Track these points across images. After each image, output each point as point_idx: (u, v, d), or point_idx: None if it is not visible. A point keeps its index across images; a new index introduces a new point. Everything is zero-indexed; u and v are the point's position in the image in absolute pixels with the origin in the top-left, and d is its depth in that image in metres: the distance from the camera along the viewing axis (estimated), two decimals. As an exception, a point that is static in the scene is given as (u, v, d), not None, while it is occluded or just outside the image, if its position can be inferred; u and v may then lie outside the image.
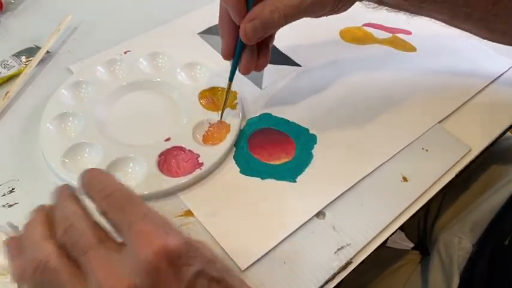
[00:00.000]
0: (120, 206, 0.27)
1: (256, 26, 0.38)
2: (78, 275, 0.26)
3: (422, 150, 0.46)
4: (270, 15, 0.38)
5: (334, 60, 0.56)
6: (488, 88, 0.53)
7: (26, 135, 0.46)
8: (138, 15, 0.61)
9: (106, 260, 0.26)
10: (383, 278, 0.63)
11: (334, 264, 0.38)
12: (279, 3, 0.38)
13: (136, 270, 0.25)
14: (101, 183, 0.29)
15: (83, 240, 0.26)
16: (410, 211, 0.42)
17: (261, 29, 0.38)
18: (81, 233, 0.27)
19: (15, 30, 0.58)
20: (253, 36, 0.39)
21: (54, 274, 0.25)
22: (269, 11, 0.38)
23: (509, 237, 0.47)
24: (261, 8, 0.38)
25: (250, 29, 0.38)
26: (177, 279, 0.26)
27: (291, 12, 0.38)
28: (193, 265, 0.26)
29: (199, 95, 0.49)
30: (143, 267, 0.25)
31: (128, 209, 0.27)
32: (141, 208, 0.28)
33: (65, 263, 0.26)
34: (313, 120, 0.48)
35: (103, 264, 0.25)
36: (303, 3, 0.38)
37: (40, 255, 0.26)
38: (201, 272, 0.27)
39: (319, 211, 0.41)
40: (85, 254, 0.26)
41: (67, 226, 0.27)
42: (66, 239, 0.27)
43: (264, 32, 0.39)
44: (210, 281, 0.28)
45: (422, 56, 0.57)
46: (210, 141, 0.45)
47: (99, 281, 0.24)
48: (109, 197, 0.28)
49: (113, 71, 0.52)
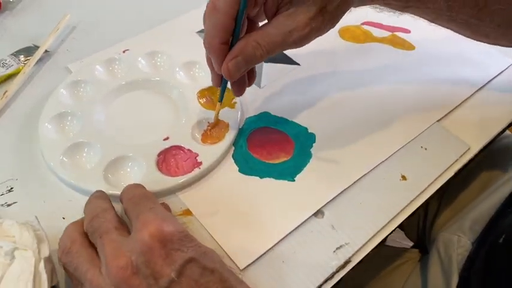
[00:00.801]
0: (136, 203, 0.34)
1: (239, 63, 0.38)
2: (95, 257, 0.32)
3: (421, 148, 0.46)
4: (253, 52, 0.37)
5: (333, 59, 0.56)
6: (487, 86, 0.53)
7: (25, 134, 0.46)
8: (136, 15, 0.61)
9: (115, 241, 0.31)
10: (382, 276, 0.63)
11: (333, 263, 0.38)
12: (261, 40, 0.37)
13: (134, 249, 0.30)
14: (130, 192, 0.36)
15: (102, 227, 0.32)
16: (409, 210, 0.42)
17: (244, 65, 0.38)
18: (102, 221, 0.33)
19: (13, 29, 0.58)
20: (235, 73, 0.38)
21: (74, 256, 0.32)
22: (252, 47, 0.37)
23: (504, 235, 0.47)
24: (243, 44, 0.37)
25: (232, 66, 0.38)
26: (168, 261, 0.30)
27: (274, 48, 0.37)
28: (186, 252, 0.30)
29: (198, 94, 0.49)
30: (139, 246, 0.30)
31: (140, 204, 0.34)
32: (149, 203, 0.34)
33: (84, 248, 0.32)
34: (312, 119, 0.48)
35: (112, 244, 0.31)
36: (286, 41, 0.37)
37: (67, 243, 0.33)
38: (192, 259, 0.30)
39: (318, 210, 0.41)
40: (101, 237, 0.32)
41: (92, 217, 0.34)
42: (90, 227, 0.33)
43: (247, 68, 0.38)
44: (203, 269, 0.31)
45: (421, 55, 0.57)
46: (209, 141, 0.45)
47: (106, 257, 0.30)
48: (131, 199, 0.35)
49: (112, 70, 0.52)
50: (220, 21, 0.36)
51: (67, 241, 0.33)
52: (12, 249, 0.33)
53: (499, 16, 0.43)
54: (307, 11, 0.36)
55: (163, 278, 0.29)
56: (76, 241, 0.33)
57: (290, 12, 0.36)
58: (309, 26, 0.36)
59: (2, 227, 0.35)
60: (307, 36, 0.37)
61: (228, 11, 0.36)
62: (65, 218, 0.39)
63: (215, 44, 0.38)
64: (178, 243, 0.30)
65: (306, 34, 0.37)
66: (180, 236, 0.31)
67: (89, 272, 0.31)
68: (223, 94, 0.44)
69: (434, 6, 0.42)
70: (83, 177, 0.41)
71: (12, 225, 0.35)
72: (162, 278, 0.29)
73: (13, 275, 0.32)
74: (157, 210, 0.33)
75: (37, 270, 0.32)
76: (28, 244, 0.34)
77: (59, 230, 0.35)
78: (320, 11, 0.36)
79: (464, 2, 0.42)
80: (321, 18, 0.36)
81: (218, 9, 0.36)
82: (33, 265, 0.32)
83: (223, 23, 0.36)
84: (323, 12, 0.36)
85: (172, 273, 0.29)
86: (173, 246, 0.30)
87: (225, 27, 0.37)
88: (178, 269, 0.30)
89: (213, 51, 0.38)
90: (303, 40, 0.37)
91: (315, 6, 0.36)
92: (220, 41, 0.37)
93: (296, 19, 0.36)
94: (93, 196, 0.37)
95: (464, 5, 0.42)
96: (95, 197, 0.37)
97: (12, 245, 0.33)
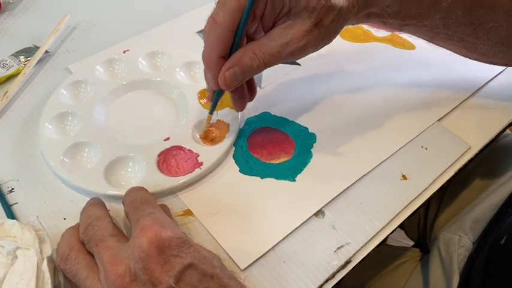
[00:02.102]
0: (137, 207, 0.34)
1: (236, 73, 0.38)
2: (93, 264, 0.32)
3: (421, 148, 0.46)
4: (250, 63, 0.37)
5: (333, 59, 0.56)
6: (488, 86, 0.53)
7: (25, 135, 0.46)
8: (136, 15, 0.61)
9: (112, 248, 0.31)
10: (383, 276, 0.63)
11: (333, 263, 0.38)
12: (258, 51, 0.37)
13: (132, 255, 0.30)
14: (131, 196, 0.36)
15: (97, 235, 0.32)
16: (410, 209, 0.42)
17: (241, 76, 0.38)
18: (96, 229, 0.33)
19: (13, 30, 0.58)
20: (231, 82, 0.38)
21: (73, 263, 0.32)
22: (249, 58, 0.37)
23: (505, 236, 0.47)
24: (240, 54, 0.38)
25: (229, 75, 0.38)
26: (166, 268, 0.30)
27: (271, 60, 0.37)
28: (184, 258, 0.30)
29: (198, 94, 0.49)
30: (137, 252, 0.30)
31: (140, 208, 0.34)
32: (149, 208, 0.34)
33: (83, 254, 0.32)
34: (313, 119, 0.48)
35: (109, 252, 0.31)
36: (282, 53, 0.37)
37: (66, 249, 0.33)
38: (191, 265, 0.30)
39: (319, 210, 0.41)
40: (97, 245, 0.32)
41: (87, 225, 0.33)
42: (85, 236, 0.33)
43: (243, 79, 0.39)
44: (202, 275, 0.30)
45: (421, 54, 0.57)
46: (210, 141, 0.45)
47: (104, 264, 0.30)
48: (132, 203, 0.35)
49: (112, 71, 0.52)
50: (219, 34, 0.37)
51: (65, 248, 0.33)
52: (14, 248, 0.33)
53: (494, 33, 0.44)
54: (303, 24, 0.36)
55: (162, 284, 0.29)
56: (74, 248, 0.33)
57: (286, 25, 0.37)
58: (305, 39, 0.36)
59: (3, 227, 0.35)
60: (303, 48, 0.37)
61: (228, 25, 0.36)
62: (66, 219, 0.39)
63: (213, 57, 0.38)
64: (176, 249, 0.30)
65: (302, 46, 0.37)
66: (178, 241, 0.31)
67: (88, 279, 0.31)
68: (214, 106, 0.44)
69: (431, 24, 0.43)
70: (84, 177, 0.41)
71: (14, 225, 0.35)
72: (161, 285, 0.29)
73: (16, 274, 0.32)
74: (156, 216, 0.33)
75: (40, 269, 0.32)
76: (30, 244, 0.34)
77: (60, 230, 0.35)
78: (316, 25, 0.36)
79: (460, 19, 0.42)
80: (316, 31, 0.37)
81: (218, 23, 0.36)
82: (35, 263, 0.32)
83: (222, 36, 0.37)
84: (319, 26, 0.36)
85: (171, 280, 0.29)
86: (171, 252, 0.30)
87: (224, 41, 0.37)
88: (177, 275, 0.29)
89: (210, 64, 0.39)
90: (299, 52, 0.37)
91: (310, 19, 0.36)
92: (218, 55, 0.38)
93: (292, 31, 0.36)
94: (87, 204, 0.37)
95: (460, 23, 0.43)
96: (90, 205, 0.37)
97: (14, 244, 0.33)
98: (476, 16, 0.42)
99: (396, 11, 0.40)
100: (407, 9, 0.41)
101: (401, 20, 0.42)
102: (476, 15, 0.42)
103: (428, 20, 0.42)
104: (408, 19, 0.42)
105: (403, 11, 0.41)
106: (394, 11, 0.40)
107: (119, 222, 0.39)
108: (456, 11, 0.42)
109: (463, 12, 0.42)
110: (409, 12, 0.41)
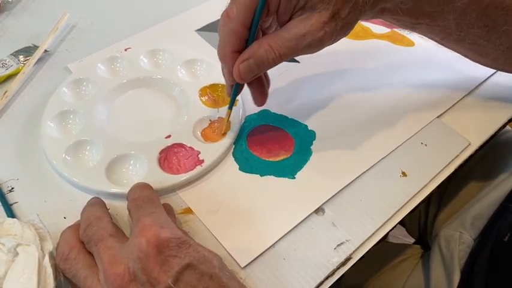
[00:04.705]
0: (139, 205, 0.34)
1: (251, 65, 0.37)
2: (93, 263, 0.32)
3: (421, 145, 0.46)
4: (265, 55, 0.37)
5: (332, 56, 0.55)
6: (488, 82, 0.53)
7: (25, 134, 0.46)
8: (135, 14, 0.61)
9: (111, 248, 0.31)
10: (384, 273, 0.63)
11: (333, 260, 0.38)
12: (274, 43, 0.37)
13: (131, 255, 0.30)
14: (135, 193, 0.36)
15: (96, 235, 0.33)
16: (410, 206, 0.42)
17: (255, 68, 0.38)
18: (96, 229, 0.33)
19: (13, 29, 0.58)
20: (246, 75, 0.38)
21: (73, 263, 0.32)
22: (264, 50, 0.37)
23: (509, 234, 0.47)
24: (256, 46, 0.37)
25: (243, 68, 0.38)
26: (164, 268, 0.30)
27: (287, 52, 0.37)
28: (182, 258, 0.30)
29: (199, 91, 0.49)
30: (136, 252, 0.30)
31: (142, 207, 0.34)
32: (151, 207, 0.34)
33: (82, 254, 0.32)
34: (312, 116, 0.48)
35: (108, 252, 0.31)
36: (299, 45, 0.37)
37: (65, 249, 0.33)
38: (190, 265, 0.30)
39: (319, 207, 0.41)
40: (96, 245, 0.32)
41: (86, 225, 0.34)
42: (84, 236, 0.33)
43: (259, 71, 0.38)
44: (200, 275, 0.30)
45: (420, 51, 0.57)
46: (211, 138, 0.45)
47: (103, 264, 0.30)
48: (135, 200, 0.35)
49: (114, 69, 0.52)
50: (233, 29, 0.37)
51: (65, 247, 0.33)
52: (15, 245, 0.33)
53: (507, 37, 0.43)
54: (321, 15, 0.36)
55: (160, 284, 0.29)
56: (74, 247, 0.33)
57: (303, 17, 0.36)
58: (322, 30, 0.36)
59: (3, 226, 0.35)
60: (321, 40, 0.37)
61: (242, 19, 0.36)
62: (66, 218, 0.40)
63: (228, 52, 0.38)
64: (175, 250, 0.30)
65: (320, 38, 0.36)
66: (177, 242, 0.31)
67: (88, 279, 0.31)
68: (233, 102, 0.44)
69: (444, 24, 0.42)
70: (85, 175, 0.41)
71: (14, 224, 0.35)
72: (159, 285, 0.29)
73: (17, 270, 0.32)
74: (157, 215, 0.33)
75: (41, 264, 0.33)
76: (31, 241, 0.34)
77: (59, 229, 0.36)
78: (333, 16, 0.36)
79: (473, 21, 0.42)
80: (334, 23, 0.36)
81: (232, 18, 0.36)
82: (37, 259, 0.32)
83: (236, 31, 0.37)
84: (336, 18, 0.36)
85: (169, 280, 0.29)
86: (170, 252, 0.30)
87: (238, 36, 0.37)
88: (175, 275, 0.30)
89: (224, 59, 0.39)
90: (316, 44, 0.37)
91: (327, 11, 0.36)
92: (232, 49, 0.38)
93: (309, 23, 0.36)
94: (88, 204, 0.37)
95: (473, 24, 0.42)
96: (90, 205, 0.37)
97: (15, 241, 0.33)
98: (491, 18, 0.42)
99: (410, 8, 0.40)
100: (420, 7, 0.40)
101: (414, 18, 0.42)
102: (491, 18, 0.42)
103: (441, 19, 0.42)
104: (421, 17, 0.41)
105: (417, 9, 0.40)
106: (408, 8, 0.40)
107: (119, 220, 0.39)
108: (471, 12, 0.41)
109: (478, 14, 0.41)
110: (423, 10, 0.41)
